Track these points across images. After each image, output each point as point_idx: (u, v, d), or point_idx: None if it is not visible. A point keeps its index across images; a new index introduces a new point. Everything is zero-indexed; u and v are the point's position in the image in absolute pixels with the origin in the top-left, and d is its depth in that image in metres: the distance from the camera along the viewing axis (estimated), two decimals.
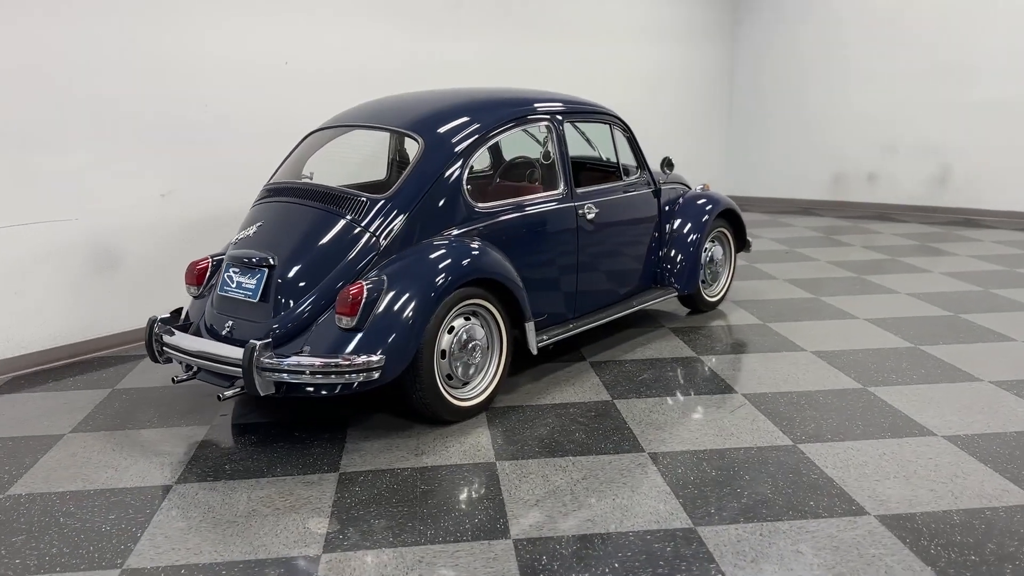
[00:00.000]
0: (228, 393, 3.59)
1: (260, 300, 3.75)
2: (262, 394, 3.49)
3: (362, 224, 3.79)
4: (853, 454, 3.52)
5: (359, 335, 3.54)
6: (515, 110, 4.31)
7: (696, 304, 5.64)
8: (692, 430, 3.79)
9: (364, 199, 3.86)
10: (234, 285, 3.86)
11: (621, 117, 5.05)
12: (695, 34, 10.28)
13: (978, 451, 3.53)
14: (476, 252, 3.88)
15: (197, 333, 3.92)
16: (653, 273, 5.31)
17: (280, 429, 3.88)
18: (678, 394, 4.23)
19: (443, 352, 3.80)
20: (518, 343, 4.18)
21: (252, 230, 4.00)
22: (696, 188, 5.84)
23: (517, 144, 5.36)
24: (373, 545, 2.89)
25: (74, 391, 4.45)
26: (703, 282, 5.65)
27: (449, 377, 3.85)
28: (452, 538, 2.92)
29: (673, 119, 10.11)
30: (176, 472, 3.47)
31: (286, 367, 3.46)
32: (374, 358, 3.48)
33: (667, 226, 5.38)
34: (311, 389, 3.50)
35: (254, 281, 3.79)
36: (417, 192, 3.87)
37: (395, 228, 3.80)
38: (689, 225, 5.40)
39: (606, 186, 4.83)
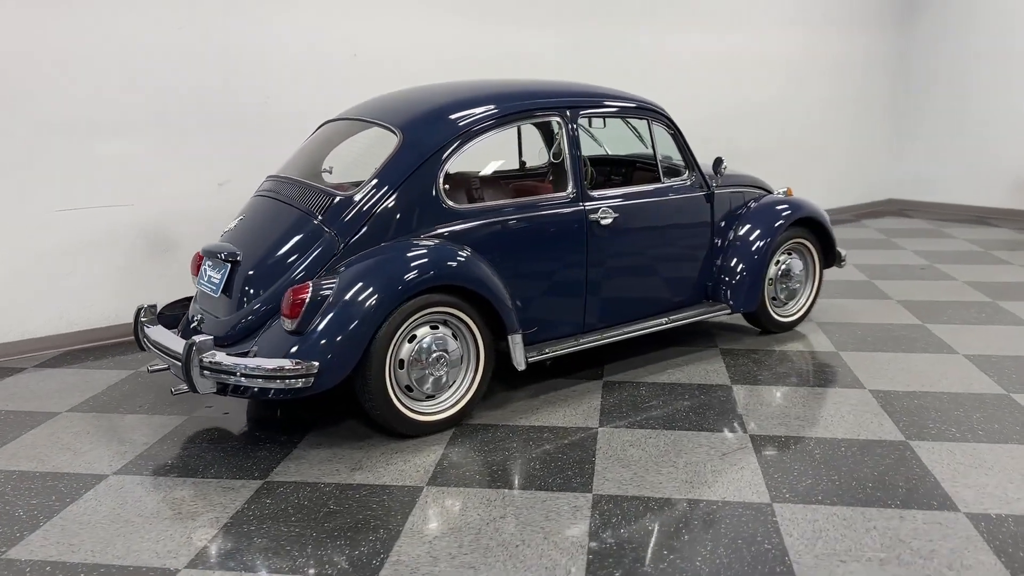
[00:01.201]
0: (177, 389, 3.56)
1: (223, 295, 3.69)
2: (200, 392, 3.42)
3: (325, 223, 3.62)
4: (856, 520, 2.91)
5: (300, 339, 3.38)
6: (510, 105, 3.94)
7: (763, 324, 5.00)
8: (662, 474, 3.30)
9: (331, 197, 3.68)
10: (206, 279, 3.83)
11: (663, 111, 4.53)
12: (855, 20, 9.24)
13: None
14: (442, 256, 3.59)
15: (187, 325, 3.94)
16: (704, 286, 4.75)
17: (249, 427, 3.81)
18: (675, 428, 3.72)
19: (401, 362, 3.56)
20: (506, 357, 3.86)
21: (234, 223, 3.96)
22: (777, 192, 5.17)
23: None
24: (235, 567, 2.71)
25: (99, 371, 4.64)
26: (774, 299, 5.00)
27: (409, 389, 3.61)
28: (316, 571, 2.69)
29: (821, 114, 9.16)
30: (122, 462, 3.48)
31: (222, 367, 3.36)
32: (307, 365, 3.30)
33: (727, 234, 4.79)
34: (246, 392, 3.38)
35: (219, 276, 3.73)
36: (385, 191, 3.64)
37: (359, 228, 3.60)
38: (754, 234, 4.78)
39: (634, 189, 4.36)
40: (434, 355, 3.60)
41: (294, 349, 3.36)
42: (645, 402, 4.03)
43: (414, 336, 3.58)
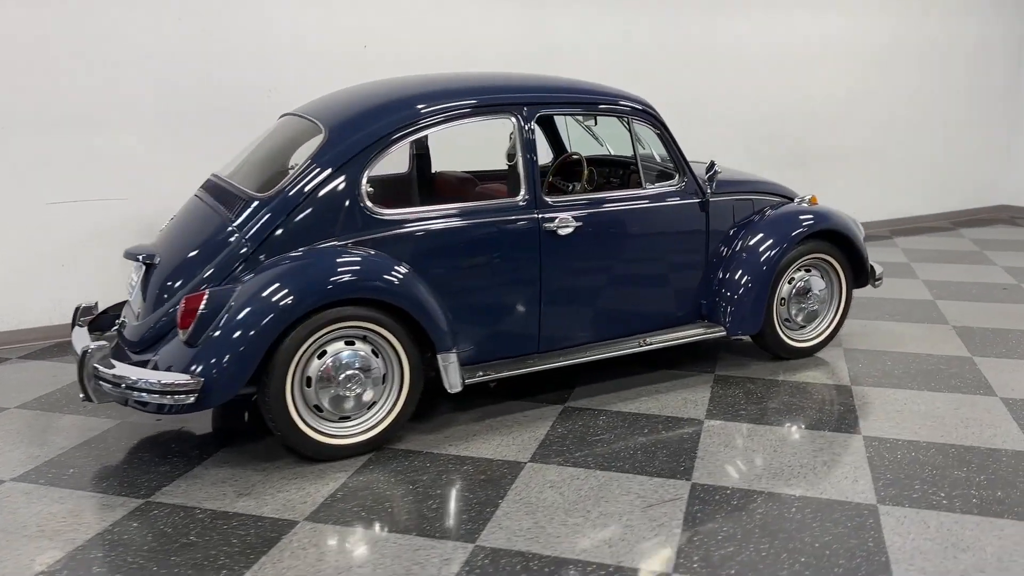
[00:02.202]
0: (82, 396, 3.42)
1: (140, 298, 3.53)
2: (97, 402, 3.27)
3: (237, 227, 3.38)
4: None
5: (191, 351, 3.16)
6: (452, 104, 3.58)
7: (773, 349, 4.43)
8: (566, 526, 2.88)
9: (246, 200, 3.44)
10: (131, 281, 3.69)
11: (647, 107, 4.03)
12: (961, 1, 8.25)
13: None
14: (356, 266, 3.29)
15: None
16: (697, 305, 4.24)
17: (171, 437, 3.65)
18: (612, 470, 3.28)
19: (309, 379, 3.29)
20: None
21: (165, 224, 3.80)
22: (799, 200, 4.58)
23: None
24: None
25: (71, 364, 4.61)
26: (787, 322, 4.42)
27: (319, 409, 3.33)
28: None
29: (912, 109, 8.24)
30: (25, 468, 3.38)
31: (109, 377, 3.19)
32: (190, 381, 3.08)
33: (730, 246, 4.26)
34: (133, 405, 3.20)
35: (137, 278, 3.58)
36: (299, 193, 3.36)
37: (268, 233, 3.34)
38: (760, 247, 4.23)
39: (602, 195, 3.91)
40: (347, 374, 3.31)
41: (182, 363, 3.15)
42: (595, 435, 3.60)
43: (324, 352, 3.31)
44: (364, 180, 3.41)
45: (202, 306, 3.15)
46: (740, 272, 4.21)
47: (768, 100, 7.42)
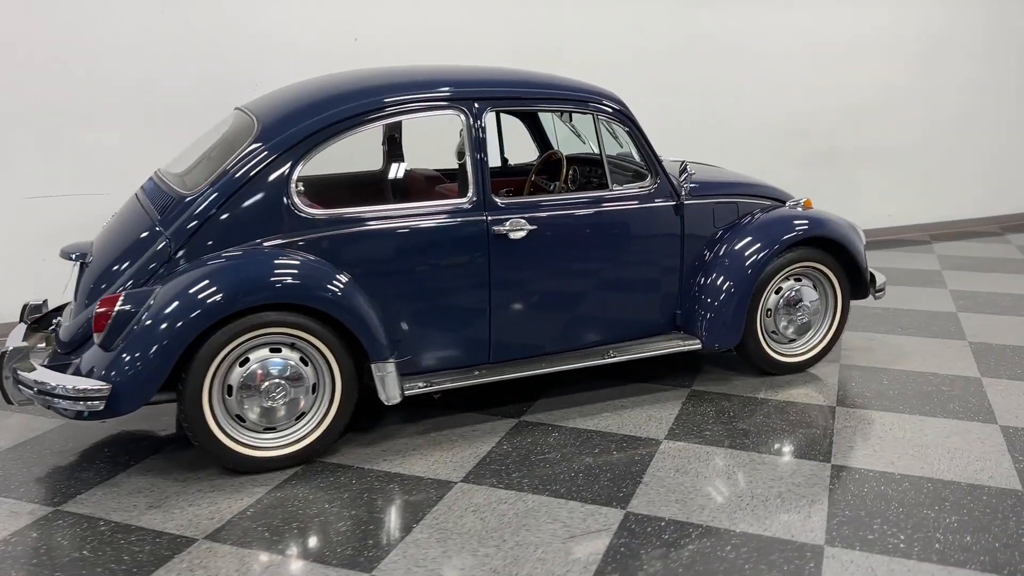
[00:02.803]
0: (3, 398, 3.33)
1: (73, 298, 3.44)
2: (14, 403, 3.19)
3: (163, 226, 3.25)
4: None
5: (107, 356, 3.04)
6: (393, 98, 3.37)
7: (757, 363, 4.12)
8: (476, 556, 2.66)
9: (174, 198, 3.30)
10: (73, 280, 3.59)
11: (615, 104, 3.76)
12: None
13: None
14: (276, 268, 3.12)
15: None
16: (672, 315, 3.96)
17: (105, 440, 3.55)
18: (545, 493, 3.04)
19: (230, 388, 3.13)
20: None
21: (106, 221, 3.70)
22: (792, 203, 4.25)
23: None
24: None
25: None
26: (774, 334, 4.11)
27: (241, 419, 3.18)
28: None
29: (963, 104, 7.70)
30: None
31: (26, 380, 3.09)
32: (100, 387, 2.96)
33: (710, 252, 3.97)
34: (55, 410, 3.09)
35: (72, 277, 3.48)
36: (225, 191, 3.20)
37: (193, 233, 3.19)
38: (742, 254, 3.93)
39: (559, 197, 3.66)
40: (271, 383, 3.14)
41: (100, 367, 3.03)
42: (542, 453, 3.36)
43: (247, 359, 3.15)
44: (295, 178, 3.24)
45: (116, 309, 3.02)
46: (719, 281, 3.92)
47: (796, 96, 7.02)
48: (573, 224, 3.64)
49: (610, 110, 3.74)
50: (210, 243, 3.19)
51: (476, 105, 3.46)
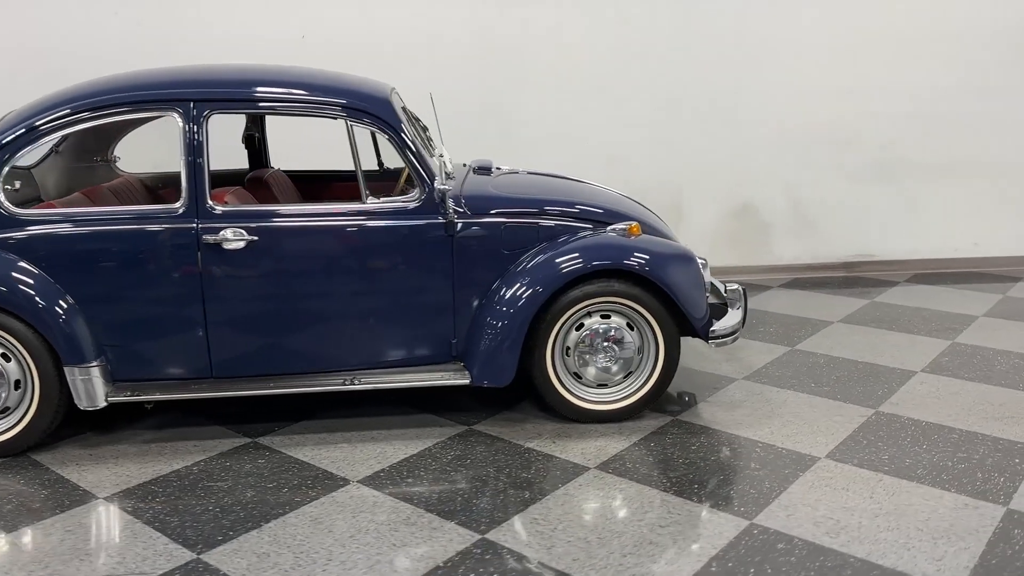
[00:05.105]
0: None
1: None
2: None
3: None
4: None
5: None
6: (101, 99, 3.31)
7: (557, 409, 3.61)
8: None
9: None
10: None
11: (370, 106, 3.41)
12: None
13: None
14: None
15: None
16: (447, 344, 3.56)
17: None
18: (151, 524, 2.86)
19: None
20: None
21: None
22: (610, 229, 3.63)
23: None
24: None
25: None
26: (577, 377, 3.58)
27: None
28: None
29: None
30: None
31: None
32: None
33: (495, 278, 3.53)
34: None
35: None
36: None
37: None
38: (520, 284, 3.46)
39: (291, 207, 3.42)
40: None
41: None
42: (218, 479, 3.17)
43: None
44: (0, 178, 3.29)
45: None
46: (494, 312, 3.47)
47: (840, 97, 5.97)
48: (306, 237, 3.39)
49: (361, 114, 3.41)
50: None
51: (194, 107, 3.32)
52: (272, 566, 2.62)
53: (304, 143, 4.64)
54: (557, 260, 3.45)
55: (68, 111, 3.32)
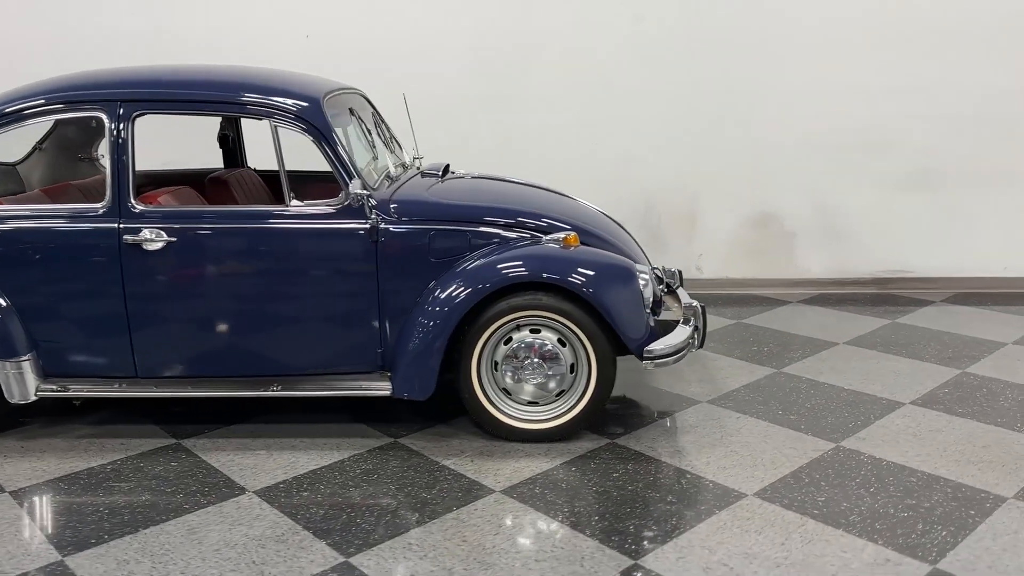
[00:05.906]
0: None
1: None
2: None
3: None
4: None
5: None
6: (25, 102, 3.36)
7: (485, 426, 3.46)
8: None
9: None
10: None
11: (296, 108, 3.32)
12: None
13: None
14: None
15: None
16: (374, 353, 3.46)
17: None
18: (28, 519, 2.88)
19: None
20: None
21: None
22: (547, 239, 3.44)
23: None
24: None
25: None
26: (505, 392, 3.41)
27: None
28: None
29: None
30: None
31: None
32: None
33: (422, 286, 3.40)
34: None
35: None
36: None
37: None
38: (443, 295, 3.31)
39: (204, 208, 3.38)
40: None
41: None
42: (124, 479, 3.17)
43: None
44: None
45: None
46: (416, 322, 3.35)
47: (874, 98, 5.53)
48: (225, 238, 3.34)
49: (285, 116, 3.34)
50: None
51: (121, 107, 3.32)
52: (127, 574, 2.57)
53: (287, 144, 4.63)
54: (484, 271, 3.29)
55: (8, 110, 3.38)
